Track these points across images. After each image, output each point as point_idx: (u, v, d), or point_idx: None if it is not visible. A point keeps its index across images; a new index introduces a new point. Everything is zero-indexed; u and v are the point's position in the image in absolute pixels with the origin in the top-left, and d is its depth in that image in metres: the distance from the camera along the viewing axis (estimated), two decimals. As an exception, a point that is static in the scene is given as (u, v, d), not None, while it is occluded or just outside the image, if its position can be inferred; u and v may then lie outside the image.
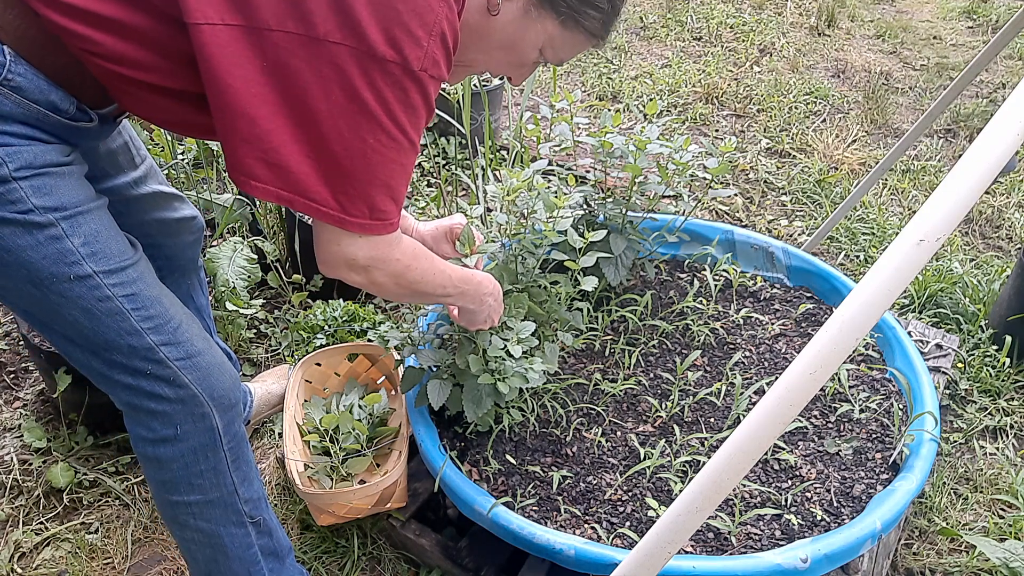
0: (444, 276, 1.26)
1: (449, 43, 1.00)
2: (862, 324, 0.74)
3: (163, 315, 1.18)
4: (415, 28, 0.96)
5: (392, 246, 1.12)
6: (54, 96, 1.03)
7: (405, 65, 0.97)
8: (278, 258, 2.36)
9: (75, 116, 1.08)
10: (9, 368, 2.17)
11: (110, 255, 1.12)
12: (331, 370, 1.94)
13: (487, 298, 1.40)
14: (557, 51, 1.17)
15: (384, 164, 1.03)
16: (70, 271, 1.08)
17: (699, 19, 4.54)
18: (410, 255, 1.17)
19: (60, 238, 1.07)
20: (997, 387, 2.11)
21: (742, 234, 2.15)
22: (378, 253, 1.11)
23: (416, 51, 0.97)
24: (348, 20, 0.94)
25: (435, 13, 0.97)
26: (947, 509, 1.81)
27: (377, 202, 1.05)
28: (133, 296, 1.15)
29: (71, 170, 1.09)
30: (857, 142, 3.35)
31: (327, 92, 0.97)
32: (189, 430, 1.23)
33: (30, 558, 1.71)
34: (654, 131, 1.91)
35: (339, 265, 1.12)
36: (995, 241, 2.77)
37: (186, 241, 1.58)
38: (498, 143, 3.13)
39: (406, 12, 0.95)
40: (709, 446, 1.62)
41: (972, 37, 4.46)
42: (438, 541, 1.61)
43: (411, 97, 1.00)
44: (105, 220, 1.14)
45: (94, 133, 1.15)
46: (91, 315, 1.12)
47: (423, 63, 0.98)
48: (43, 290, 1.09)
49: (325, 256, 1.12)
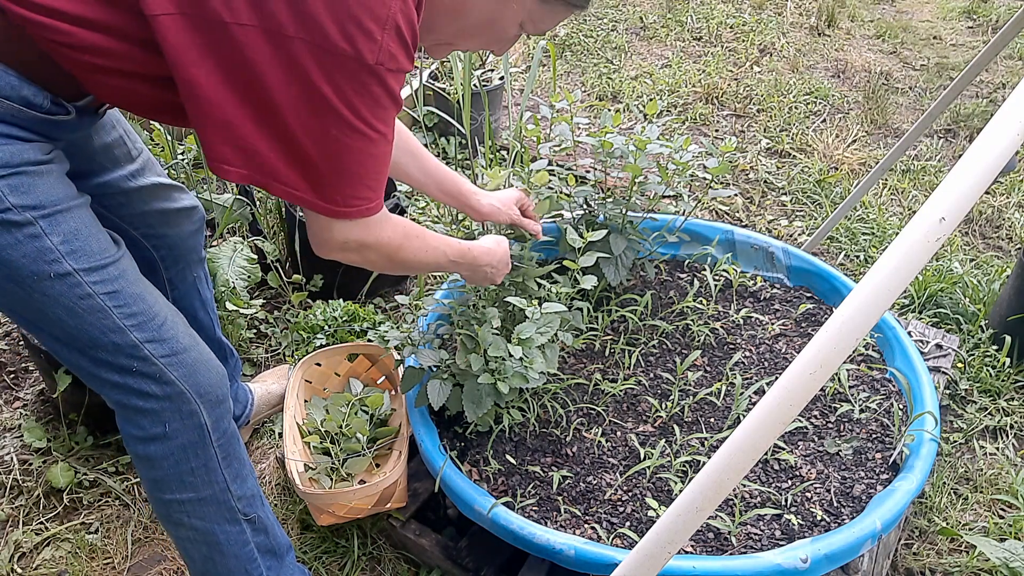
0: (437, 252, 1.32)
1: (406, 35, 1.00)
2: (862, 324, 0.74)
3: (146, 312, 1.18)
4: (367, 22, 0.95)
5: (380, 226, 1.15)
6: (27, 91, 1.03)
7: (360, 59, 0.96)
8: (278, 258, 2.36)
9: (51, 110, 1.07)
10: (9, 368, 2.17)
11: (90, 253, 1.12)
12: (331, 370, 1.94)
13: (484, 268, 1.46)
14: (537, 24, 1.17)
15: (352, 155, 1.04)
16: (50, 269, 1.08)
17: (699, 19, 4.54)
18: (401, 235, 1.21)
19: (39, 236, 1.07)
20: (997, 387, 2.11)
21: (742, 234, 2.15)
22: (367, 235, 1.13)
23: (370, 45, 0.96)
24: (302, 14, 0.94)
25: (387, 7, 0.96)
26: (947, 509, 1.81)
27: (349, 190, 1.07)
28: (115, 293, 1.15)
29: (50, 168, 1.09)
30: (857, 142, 3.34)
31: (287, 85, 0.97)
32: (178, 427, 1.23)
33: (30, 558, 1.71)
34: (654, 131, 1.91)
35: (333, 248, 1.15)
36: (995, 241, 2.77)
37: (188, 231, 1.58)
38: (498, 143, 3.13)
39: (357, 6, 0.94)
40: (709, 446, 1.62)
41: (972, 37, 4.46)
42: (438, 541, 1.61)
43: (371, 90, 1.00)
44: (85, 218, 1.14)
45: (74, 126, 1.14)
46: (74, 313, 1.12)
47: (378, 57, 0.97)
48: (26, 289, 1.09)
49: (318, 240, 1.15)
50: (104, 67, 1.03)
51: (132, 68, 1.04)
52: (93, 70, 1.03)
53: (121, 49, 1.02)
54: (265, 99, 0.98)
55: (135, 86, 1.07)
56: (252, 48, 0.95)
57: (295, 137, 1.00)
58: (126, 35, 1.01)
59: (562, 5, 1.15)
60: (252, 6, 0.94)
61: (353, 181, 1.06)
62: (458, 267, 1.41)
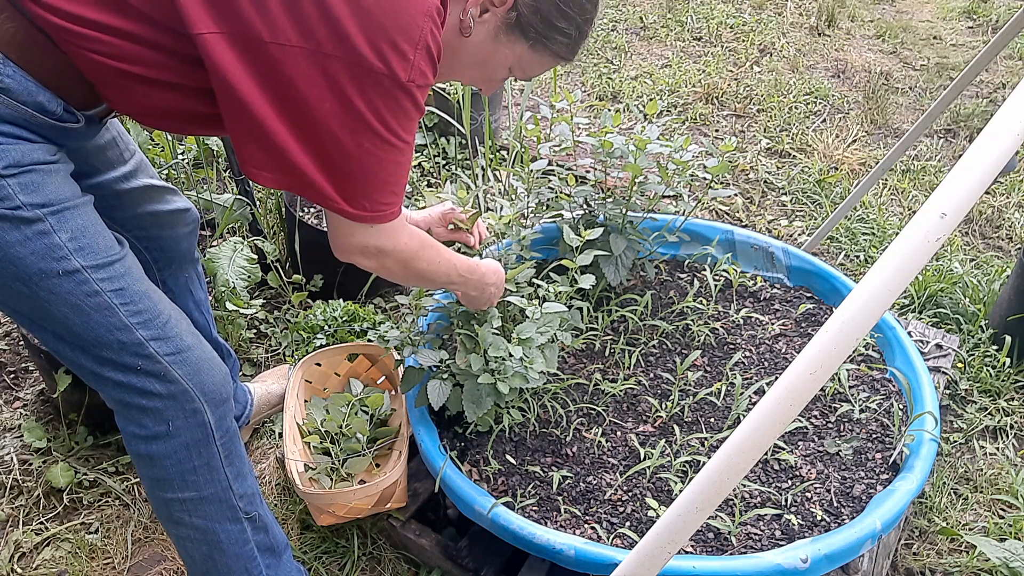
0: (449, 265, 1.35)
1: (434, 54, 1.06)
2: (862, 324, 0.74)
3: (152, 310, 1.19)
4: (401, 43, 1.01)
5: (399, 232, 1.20)
6: (42, 97, 1.05)
7: (394, 77, 1.02)
8: (278, 258, 2.36)
9: (62, 117, 1.10)
10: (9, 368, 2.17)
11: (97, 250, 1.13)
12: (331, 370, 1.94)
13: (489, 287, 1.48)
14: (526, 70, 1.24)
15: (381, 164, 1.09)
16: (58, 266, 1.09)
17: (699, 19, 4.54)
18: (417, 243, 1.25)
19: (48, 233, 1.08)
20: (997, 387, 2.11)
21: (742, 234, 2.15)
22: (387, 240, 1.18)
23: (403, 64, 1.02)
24: (339, 34, 0.99)
25: (420, 28, 1.02)
26: (947, 509, 1.81)
27: (377, 196, 1.12)
28: (121, 291, 1.15)
29: (57, 168, 1.11)
30: (857, 142, 3.35)
31: (321, 100, 1.02)
32: (181, 426, 1.23)
33: (30, 558, 1.71)
34: (654, 131, 1.91)
35: (353, 252, 1.19)
36: (995, 241, 2.77)
37: (181, 233, 1.58)
38: (498, 143, 3.13)
39: (393, 28, 1.00)
40: (709, 446, 1.62)
41: (972, 37, 4.46)
42: (438, 541, 1.61)
43: (402, 104, 1.06)
44: (91, 216, 1.15)
45: (80, 134, 1.17)
46: (80, 311, 1.12)
47: (410, 74, 1.03)
48: (32, 287, 1.09)
49: (339, 244, 1.19)
50: (130, 73, 1.06)
51: (159, 75, 1.07)
52: (116, 74, 1.05)
53: (154, 58, 1.05)
54: (302, 112, 1.03)
55: (154, 92, 1.09)
56: (291, 65, 1.00)
57: (328, 147, 1.05)
58: (161, 46, 1.04)
59: (550, 56, 1.21)
60: (293, 26, 0.99)
61: (379, 187, 1.11)
62: (467, 283, 1.42)
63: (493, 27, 1.15)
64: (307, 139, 1.05)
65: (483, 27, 1.15)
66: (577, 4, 1.16)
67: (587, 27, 1.20)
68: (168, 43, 1.03)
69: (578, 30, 1.19)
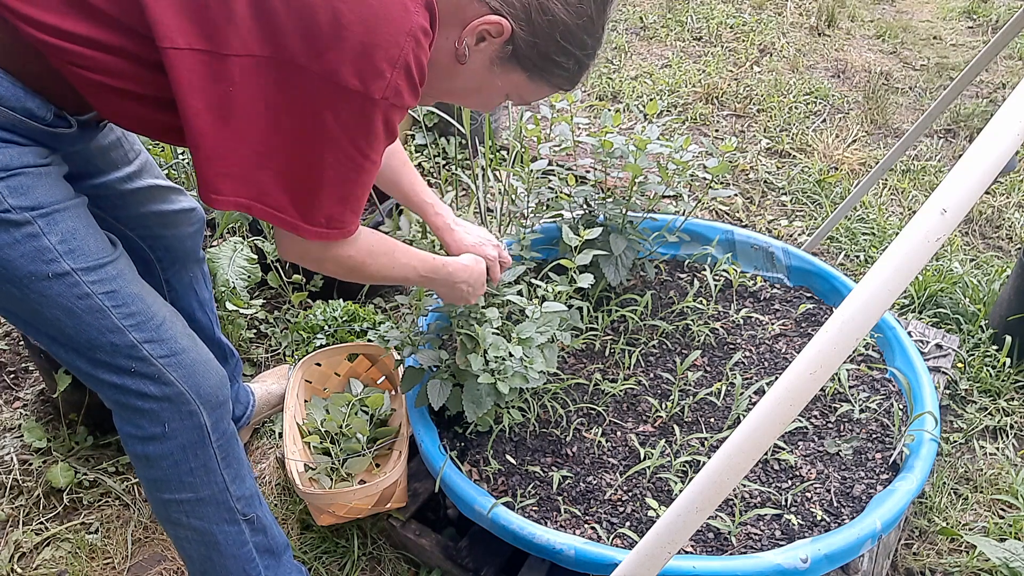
0: (407, 268, 1.32)
1: (415, 75, 1.02)
2: (862, 324, 0.74)
3: (145, 312, 1.18)
4: (380, 63, 0.98)
5: (347, 246, 1.17)
6: (31, 104, 1.04)
7: (367, 94, 0.99)
8: (278, 258, 2.36)
9: (53, 123, 1.08)
10: (9, 368, 2.17)
11: (88, 252, 1.12)
12: (331, 370, 1.94)
13: (459, 284, 1.45)
14: (523, 96, 1.21)
15: (343, 181, 1.06)
16: (48, 269, 1.08)
17: (699, 19, 4.54)
18: (365, 252, 1.21)
19: (37, 236, 1.07)
20: (997, 387, 2.11)
21: (742, 234, 2.15)
22: (331, 253, 1.16)
23: (379, 82, 0.99)
24: (314, 47, 0.96)
25: (401, 47, 0.99)
26: (947, 509, 1.81)
27: (335, 213, 1.09)
28: (113, 293, 1.15)
29: (48, 171, 1.10)
30: (857, 142, 3.34)
31: (289, 111, 0.99)
32: (177, 428, 1.23)
33: (30, 558, 1.71)
34: (654, 131, 1.91)
35: (294, 257, 1.18)
36: (995, 241, 2.77)
37: (186, 232, 1.58)
38: (498, 143, 3.13)
39: (372, 47, 0.97)
40: (709, 446, 1.62)
41: (972, 37, 4.46)
42: (438, 541, 1.61)
43: (373, 124, 1.02)
44: (83, 218, 1.14)
45: (74, 138, 1.15)
46: (71, 313, 1.12)
47: (385, 92, 0.99)
48: (23, 290, 1.09)
49: (283, 249, 1.17)
50: (113, 87, 1.04)
51: (141, 89, 1.05)
52: (101, 88, 1.04)
53: (132, 71, 1.03)
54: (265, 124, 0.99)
55: (142, 108, 1.08)
56: (258, 76, 0.97)
57: (289, 159, 1.02)
58: (139, 59, 1.02)
59: (548, 87, 1.19)
60: (265, 37, 0.96)
61: (339, 204, 1.08)
62: (432, 283, 1.40)
63: (489, 57, 1.12)
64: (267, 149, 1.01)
65: (479, 55, 1.11)
66: (577, 40, 1.13)
67: (588, 60, 1.17)
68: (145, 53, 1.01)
69: (578, 64, 1.16)
